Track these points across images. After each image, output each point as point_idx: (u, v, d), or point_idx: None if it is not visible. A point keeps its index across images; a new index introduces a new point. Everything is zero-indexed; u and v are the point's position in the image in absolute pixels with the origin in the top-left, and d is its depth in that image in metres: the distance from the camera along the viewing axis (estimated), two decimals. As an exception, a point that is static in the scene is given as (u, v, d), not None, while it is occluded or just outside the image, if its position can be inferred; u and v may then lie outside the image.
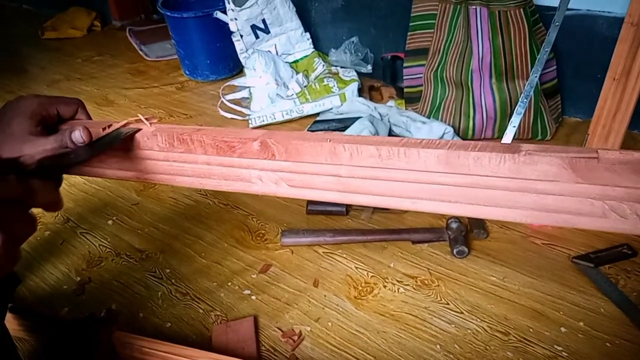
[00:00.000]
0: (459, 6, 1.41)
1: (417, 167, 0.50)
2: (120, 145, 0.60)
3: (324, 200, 0.57)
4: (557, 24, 1.15)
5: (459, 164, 0.48)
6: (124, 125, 0.61)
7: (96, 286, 1.10)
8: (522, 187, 0.47)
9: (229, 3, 1.86)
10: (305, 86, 1.81)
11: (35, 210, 1.11)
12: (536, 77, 1.17)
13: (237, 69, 2.16)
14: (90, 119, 0.64)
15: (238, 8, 1.87)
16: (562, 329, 0.91)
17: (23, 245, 1.14)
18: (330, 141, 0.52)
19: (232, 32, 1.94)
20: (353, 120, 1.51)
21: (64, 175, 0.54)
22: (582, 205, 0.45)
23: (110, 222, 1.30)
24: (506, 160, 0.46)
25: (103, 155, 0.62)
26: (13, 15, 3.57)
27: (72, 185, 1.47)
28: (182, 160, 0.60)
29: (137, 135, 0.60)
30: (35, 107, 0.55)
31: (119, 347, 0.87)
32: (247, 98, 1.86)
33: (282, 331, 0.95)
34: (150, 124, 0.61)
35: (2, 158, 0.38)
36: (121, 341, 0.87)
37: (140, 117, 0.61)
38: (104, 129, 0.59)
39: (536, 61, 1.18)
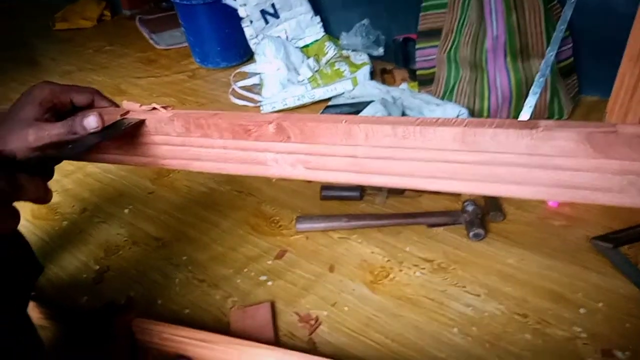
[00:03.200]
0: (471, -15, 1.39)
1: (433, 145, 0.49)
2: (128, 132, 0.59)
3: (340, 182, 0.56)
4: (572, 1, 1.13)
5: (475, 141, 0.47)
6: (125, 114, 0.60)
7: (114, 274, 1.11)
8: (539, 163, 0.46)
9: (237, -11, 1.85)
10: (316, 71, 1.79)
11: (52, 200, 1.12)
12: (552, 55, 1.15)
13: (247, 56, 2.15)
14: (116, 106, 0.63)
15: (247, -7, 1.86)
16: (581, 310, 0.90)
17: (42, 234, 1.16)
18: (345, 122, 0.52)
19: (241, 18, 1.93)
20: (365, 104, 1.50)
21: (81, 165, 0.54)
22: (601, 180, 0.45)
23: (126, 210, 1.31)
24: (524, 137, 0.45)
25: (118, 142, 0.62)
26: (24, 7, 3.58)
27: (87, 175, 1.48)
28: (198, 144, 0.60)
29: (153, 120, 0.60)
30: (46, 94, 0.55)
31: (138, 334, 0.88)
32: (258, 84, 1.85)
33: (299, 316, 0.95)
34: (166, 108, 0.61)
35: None
36: (140, 328, 0.88)
37: (156, 105, 0.61)
38: (122, 115, 0.59)
39: (552, 40, 1.16)
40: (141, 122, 0.59)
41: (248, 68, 1.89)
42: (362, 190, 1.23)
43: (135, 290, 1.05)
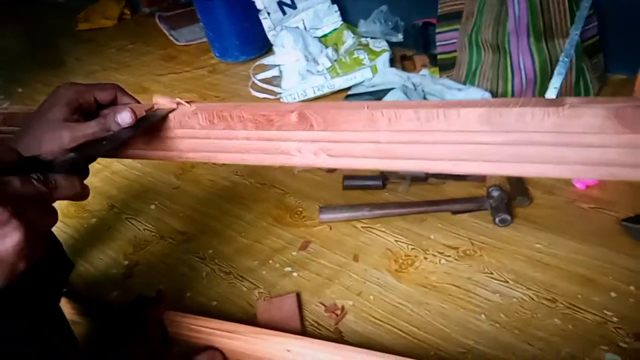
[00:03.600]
0: (491, -34, 1.36)
1: (457, 127, 0.48)
2: (155, 125, 0.60)
3: (364, 168, 0.56)
4: (598, -24, 1.09)
5: (500, 122, 0.46)
6: (151, 108, 0.61)
7: (143, 269, 1.13)
8: (566, 141, 0.45)
9: (254, -19, 1.85)
10: (335, 60, 1.78)
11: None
12: (577, 34, 1.12)
13: (266, 48, 2.15)
14: (137, 101, 0.64)
15: (264, -15, 1.86)
16: (612, 294, 0.89)
17: (72, 232, 1.18)
18: (367, 108, 0.51)
19: (259, 10, 1.93)
20: (386, 92, 1.49)
21: (107, 162, 0.54)
22: (630, 156, 0.44)
23: (152, 206, 1.33)
24: (550, 115, 0.44)
25: (145, 137, 0.63)
26: (48, 10, 3.65)
27: (114, 172, 1.50)
28: (222, 137, 0.61)
29: (178, 114, 0.61)
30: (71, 95, 0.56)
31: (169, 326, 0.90)
32: (278, 76, 1.85)
33: (324, 306, 0.95)
34: (190, 103, 0.61)
35: (24, 157, 0.40)
36: (170, 320, 0.89)
37: (180, 100, 0.62)
38: (147, 110, 0.59)
39: (576, 18, 1.13)
40: (172, 110, 0.60)
41: (267, 60, 1.90)
42: (384, 179, 1.22)
43: (164, 284, 1.07)
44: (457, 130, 0.48)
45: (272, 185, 1.32)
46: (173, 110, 0.61)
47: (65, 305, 0.99)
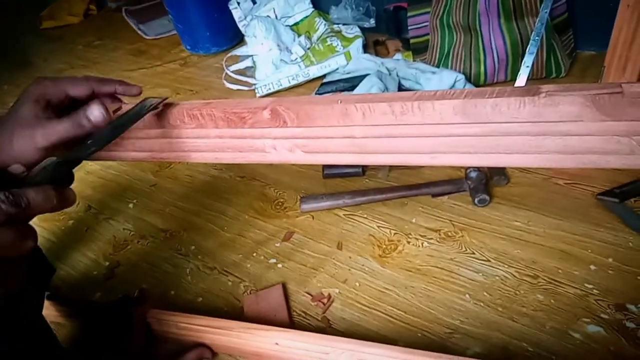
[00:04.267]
0: (459, -53, 1.36)
1: (433, 120, 0.49)
2: (146, 118, 0.58)
3: (340, 163, 0.56)
4: (564, -46, 1.10)
5: (476, 113, 0.46)
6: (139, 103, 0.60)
7: (125, 269, 1.12)
8: (544, 130, 0.46)
9: (222, -30, 1.82)
10: (308, 48, 1.77)
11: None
12: (546, 12, 1.13)
13: (237, 39, 2.13)
14: (125, 84, 0.61)
15: (232, -26, 1.83)
16: (592, 267, 0.91)
17: (49, 235, 1.16)
18: (341, 102, 0.51)
19: (228, 0, 1.89)
20: (361, 78, 1.48)
21: (82, 163, 0.52)
22: (608, 143, 0.44)
23: (131, 205, 1.31)
24: (526, 104, 0.45)
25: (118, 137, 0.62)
26: (10, 7, 3.53)
27: (89, 172, 1.48)
28: (194, 136, 0.60)
29: (148, 114, 0.60)
30: (40, 90, 0.54)
31: (154, 325, 0.89)
32: (252, 67, 1.83)
33: (311, 295, 0.96)
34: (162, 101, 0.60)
35: None
36: (156, 319, 0.89)
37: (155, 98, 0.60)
38: (141, 103, 0.58)
39: (545, -4, 1.14)
40: (164, 100, 0.58)
41: (239, 51, 1.87)
42: (364, 166, 1.23)
43: (148, 283, 1.06)
44: (433, 123, 0.49)
45: (252, 177, 1.31)
46: (165, 99, 0.59)
47: (49, 308, 0.98)
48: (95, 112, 0.53)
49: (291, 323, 0.91)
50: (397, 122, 0.50)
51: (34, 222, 0.39)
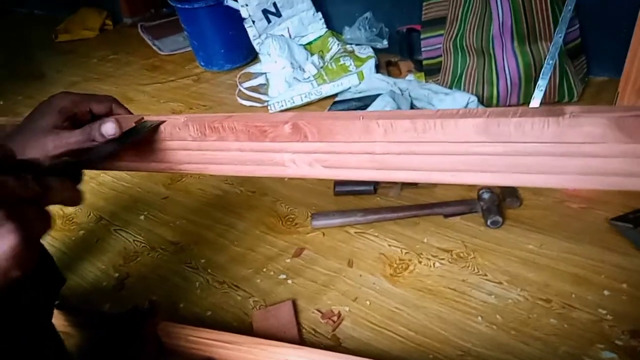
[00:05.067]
0: (474, -29, 1.38)
1: (455, 138, 0.49)
2: (145, 137, 0.60)
3: (359, 179, 0.56)
4: (579, -20, 1.11)
5: (499, 132, 0.47)
6: (140, 120, 0.61)
7: (135, 281, 1.12)
8: (567, 151, 0.45)
9: (238, -11, 1.85)
10: (321, 67, 1.79)
11: (68, 210, 1.13)
12: (561, 37, 1.14)
13: (251, 56, 2.15)
14: (131, 114, 0.64)
15: (248, -7, 1.86)
16: (605, 292, 0.90)
17: (59, 245, 1.17)
18: (362, 118, 0.52)
19: (244, 19, 1.93)
20: (373, 97, 1.50)
21: (94, 174, 0.53)
22: (631, 165, 0.44)
23: (142, 217, 1.32)
24: (550, 125, 0.45)
25: (136, 149, 0.62)
26: (25, 22, 3.60)
27: (101, 184, 1.49)
28: (214, 148, 0.60)
29: (169, 126, 0.61)
30: (66, 103, 0.55)
31: (164, 338, 0.89)
32: (264, 84, 1.85)
33: (321, 313, 0.95)
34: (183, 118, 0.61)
35: (17, 159, 0.39)
36: (166, 331, 0.88)
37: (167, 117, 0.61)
38: (136, 122, 0.59)
39: (560, 20, 1.15)
40: (160, 123, 0.59)
41: (253, 68, 1.89)
42: (376, 184, 1.23)
43: (157, 295, 1.06)
44: (455, 141, 0.49)
45: (263, 192, 1.32)
46: (163, 122, 0.60)
47: (58, 317, 0.98)
48: (108, 129, 0.54)
49: (301, 340, 0.90)
50: (419, 139, 0.50)
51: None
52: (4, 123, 0.71)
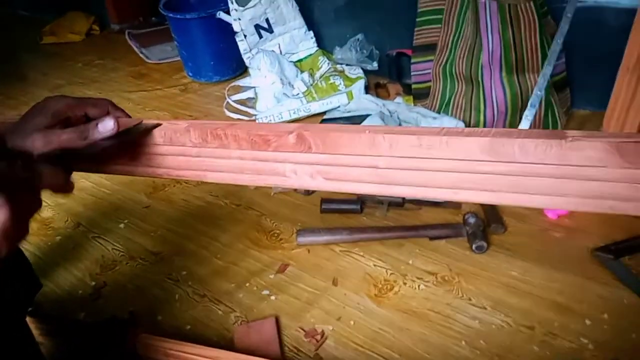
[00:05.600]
0: (466, 1, 1.41)
1: (459, 156, 0.49)
2: (140, 138, 0.59)
3: (360, 193, 0.56)
4: (569, 15, 1.15)
5: (503, 152, 0.47)
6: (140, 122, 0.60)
7: (112, 290, 1.09)
8: (568, 173, 0.46)
9: (232, 3, 1.85)
10: (311, 85, 1.80)
11: (45, 215, 1.11)
12: (550, 69, 1.17)
13: (240, 70, 2.15)
14: (128, 115, 0.63)
15: (242, 8, 1.86)
16: (587, 321, 0.91)
17: (34, 250, 1.13)
18: (369, 132, 0.52)
19: (235, 33, 1.93)
20: (361, 117, 1.51)
21: (74, 179, 0.52)
22: (630, 190, 0.45)
23: (122, 225, 1.29)
24: (553, 147, 0.45)
25: (133, 153, 0.61)
26: (8, 21, 3.54)
27: (81, 189, 1.45)
28: (215, 155, 0.59)
29: (169, 130, 0.60)
30: (61, 106, 0.54)
31: (142, 350, 0.86)
32: (253, 98, 1.85)
33: (304, 331, 0.94)
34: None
35: (7, 145, 0.43)
36: (145, 343, 0.85)
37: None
38: (135, 126, 0.58)
39: (550, 53, 1.18)
40: (156, 126, 0.58)
41: (242, 82, 1.89)
42: (362, 203, 1.23)
43: (135, 306, 1.03)
44: (459, 159, 0.49)
45: (248, 206, 1.30)
46: (158, 125, 0.59)
47: (30, 325, 0.94)
48: (107, 125, 0.54)
49: (283, 358, 0.88)
50: (424, 155, 0.50)
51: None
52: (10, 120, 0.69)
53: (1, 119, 0.67)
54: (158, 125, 0.59)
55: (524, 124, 1.19)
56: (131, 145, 0.60)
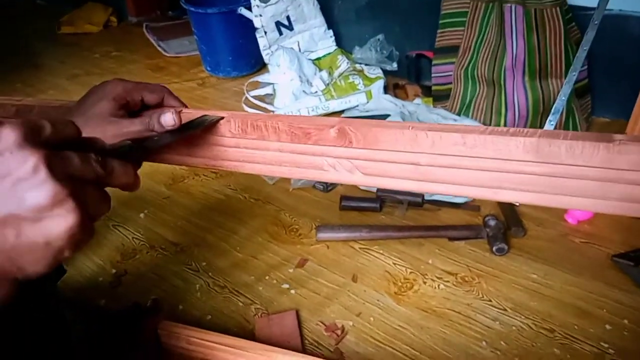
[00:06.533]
0: (491, 4, 1.41)
1: (502, 155, 0.49)
2: (201, 132, 0.59)
3: (398, 189, 0.56)
4: (596, 22, 1.15)
5: (549, 152, 0.47)
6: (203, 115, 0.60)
7: (132, 279, 1.10)
8: (613, 177, 0.46)
9: (254, -1, 1.86)
10: (329, 83, 1.80)
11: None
12: (575, 75, 1.17)
13: (258, 66, 2.16)
14: (184, 105, 0.63)
15: (263, 4, 1.87)
16: (607, 327, 0.91)
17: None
18: (412, 128, 0.52)
19: (256, 29, 1.93)
20: (381, 117, 1.51)
21: None
22: (676, 197, 0.45)
23: (142, 215, 1.30)
24: (600, 150, 0.45)
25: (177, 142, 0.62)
26: (26, 11, 3.57)
27: (100, 178, 1.46)
28: (253, 147, 0.60)
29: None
30: (119, 91, 0.55)
31: (164, 337, 0.87)
32: (271, 94, 1.85)
33: (325, 325, 0.95)
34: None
35: (82, 137, 0.38)
36: (167, 331, 0.86)
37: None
38: (199, 118, 0.58)
39: (575, 59, 1.18)
40: (220, 119, 0.59)
41: (261, 78, 1.90)
42: (381, 202, 1.23)
43: (155, 295, 1.04)
44: (502, 158, 0.49)
45: (267, 201, 1.31)
46: (222, 118, 0.60)
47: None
48: (167, 119, 0.54)
49: (303, 351, 0.89)
50: (467, 154, 0.50)
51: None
52: (33, 103, 0.70)
53: (57, 103, 0.67)
54: (221, 118, 0.59)
55: (547, 129, 1.19)
56: (193, 138, 0.60)
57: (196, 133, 0.58)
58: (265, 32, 1.94)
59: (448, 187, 0.54)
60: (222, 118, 0.59)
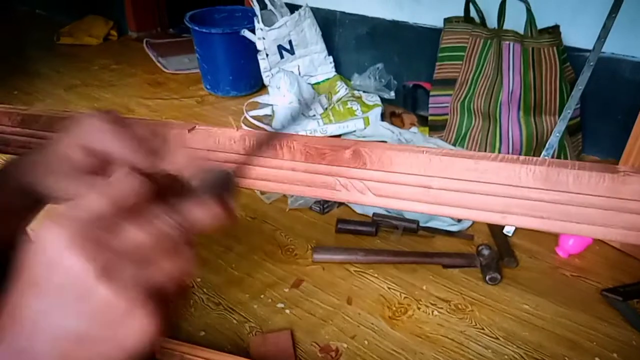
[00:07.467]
0: (489, 41, 1.46)
1: (512, 182, 0.51)
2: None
3: (409, 210, 0.58)
4: (591, 64, 1.20)
5: (557, 181, 0.50)
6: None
7: (125, 290, 1.09)
8: (616, 206, 0.49)
9: (258, 22, 1.90)
10: (326, 108, 1.83)
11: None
12: (569, 113, 1.21)
13: (257, 87, 2.19)
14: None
15: (267, 28, 1.91)
16: (597, 359, 0.92)
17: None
18: (426, 152, 0.54)
19: (258, 51, 1.97)
20: (379, 143, 1.54)
21: None
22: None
23: (137, 227, 1.29)
24: (606, 180, 0.48)
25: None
26: (26, 20, 3.58)
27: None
28: (266, 165, 0.61)
29: (223, 137, 0.62)
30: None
31: (157, 353, 0.86)
32: (270, 115, 1.88)
33: (319, 346, 0.95)
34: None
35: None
36: (161, 346, 0.86)
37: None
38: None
39: (570, 98, 1.22)
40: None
41: (261, 99, 1.93)
42: (377, 226, 1.25)
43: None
44: (512, 185, 0.51)
45: (264, 220, 1.32)
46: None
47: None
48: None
49: (297, 371, 0.89)
50: (479, 179, 0.52)
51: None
52: (39, 113, 0.70)
53: (65, 114, 0.58)
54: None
55: (541, 163, 1.22)
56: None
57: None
58: (267, 55, 1.98)
59: (457, 211, 0.55)
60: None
